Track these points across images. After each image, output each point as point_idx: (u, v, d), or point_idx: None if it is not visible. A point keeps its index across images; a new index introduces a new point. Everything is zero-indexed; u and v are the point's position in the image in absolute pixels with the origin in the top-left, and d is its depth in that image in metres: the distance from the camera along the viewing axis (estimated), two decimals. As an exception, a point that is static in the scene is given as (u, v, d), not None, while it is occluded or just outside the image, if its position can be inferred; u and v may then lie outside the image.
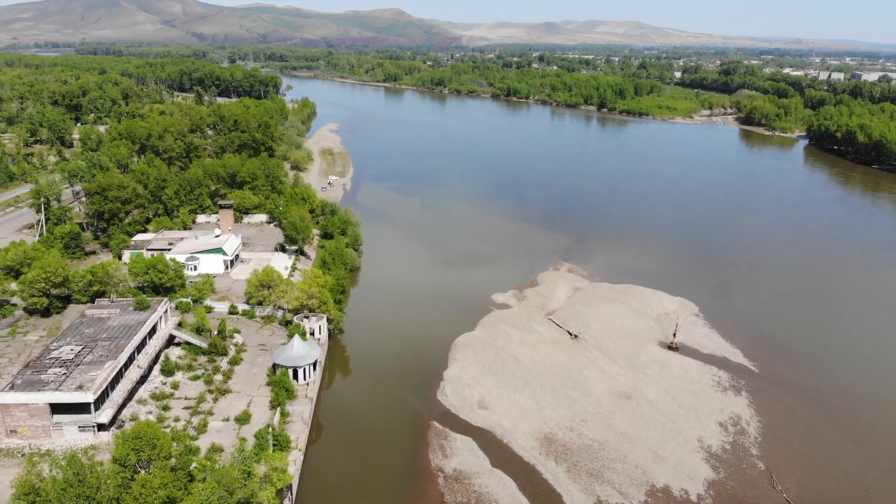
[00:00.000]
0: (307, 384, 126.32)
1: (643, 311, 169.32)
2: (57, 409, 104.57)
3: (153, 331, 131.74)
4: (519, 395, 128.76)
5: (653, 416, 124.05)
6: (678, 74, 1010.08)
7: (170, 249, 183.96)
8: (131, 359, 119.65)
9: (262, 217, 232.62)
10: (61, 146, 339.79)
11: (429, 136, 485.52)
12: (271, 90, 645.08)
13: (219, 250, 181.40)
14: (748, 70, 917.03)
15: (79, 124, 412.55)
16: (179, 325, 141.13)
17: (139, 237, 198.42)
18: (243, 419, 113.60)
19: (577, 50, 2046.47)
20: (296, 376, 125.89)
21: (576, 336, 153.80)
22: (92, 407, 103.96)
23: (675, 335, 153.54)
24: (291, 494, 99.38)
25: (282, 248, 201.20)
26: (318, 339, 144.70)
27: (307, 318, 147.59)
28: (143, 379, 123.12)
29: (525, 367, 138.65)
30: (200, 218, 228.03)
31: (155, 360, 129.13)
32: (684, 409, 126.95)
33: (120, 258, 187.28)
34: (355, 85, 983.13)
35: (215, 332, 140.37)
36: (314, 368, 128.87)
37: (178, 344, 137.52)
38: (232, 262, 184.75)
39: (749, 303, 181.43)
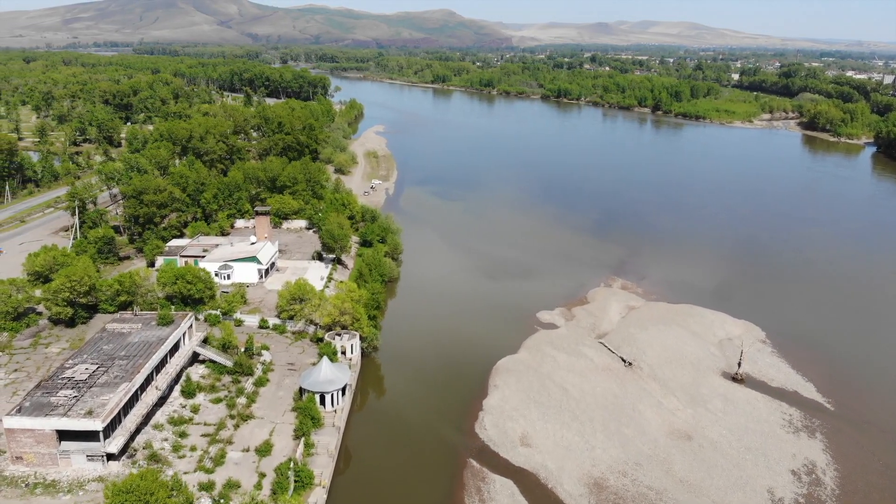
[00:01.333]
0: (335, 411, 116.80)
1: (704, 335, 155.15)
2: (64, 435, 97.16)
3: (176, 347, 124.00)
4: (566, 430, 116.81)
5: (716, 460, 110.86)
6: (736, 76, 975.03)
7: (204, 256, 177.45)
8: (149, 380, 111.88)
9: (302, 223, 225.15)
10: (108, 145, 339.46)
11: (475, 138, 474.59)
12: (319, 91, 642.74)
13: (253, 259, 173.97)
14: (809, 73, 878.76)
15: (128, 123, 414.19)
16: (205, 340, 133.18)
17: (174, 243, 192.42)
18: (264, 450, 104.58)
19: (631, 51, 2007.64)
20: (323, 402, 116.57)
21: (630, 363, 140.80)
22: (101, 435, 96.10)
23: (739, 365, 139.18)
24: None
25: (319, 257, 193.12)
26: (350, 360, 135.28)
27: (339, 335, 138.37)
28: (162, 400, 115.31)
29: (573, 399, 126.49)
30: (239, 223, 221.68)
31: (176, 380, 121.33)
32: (752, 453, 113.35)
33: (153, 264, 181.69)
34: (404, 86, 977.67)
35: (242, 350, 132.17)
36: (343, 394, 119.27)
37: (203, 361, 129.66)
38: (267, 270, 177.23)
39: (820, 328, 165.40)
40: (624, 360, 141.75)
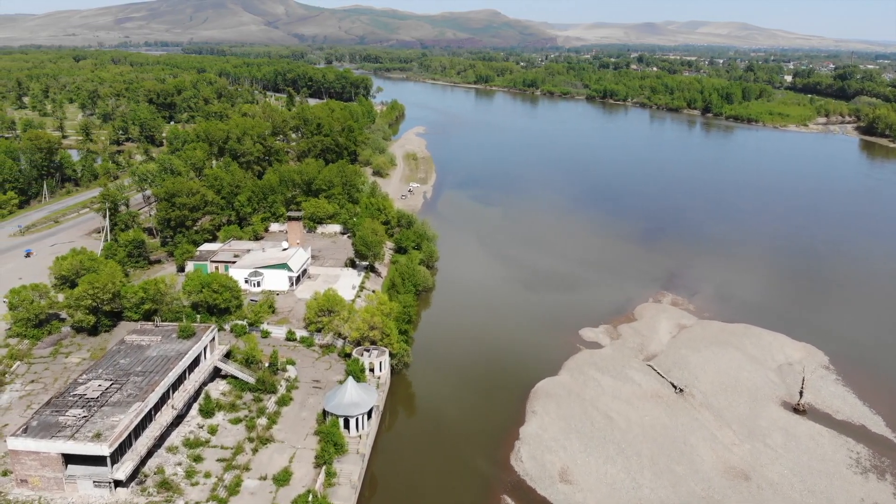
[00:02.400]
0: (360, 437, 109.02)
1: (762, 359, 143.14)
2: (71, 459, 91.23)
3: (196, 362, 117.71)
4: (610, 465, 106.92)
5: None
6: (788, 78, 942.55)
7: (234, 262, 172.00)
8: (164, 398, 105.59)
9: (337, 227, 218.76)
10: (150, 145, 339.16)
11: (517, 140, 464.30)
12: (361, 92, 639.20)
13: (284, 266, 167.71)
14: (866, 75, 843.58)
15: (171, 123, 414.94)
16: (228, 354, 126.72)
17: (205, 247, 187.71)
18: (282, 479, 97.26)
19: (679, 51, 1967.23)
20: (347, 426, 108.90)
21: (681, 390, 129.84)
22: (108, 460, 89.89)
23: (801, 394, 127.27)
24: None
25: (352, 264, 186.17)
26: (378, 378, 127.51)
27: (368, 351, 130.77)
28: (178, 419, 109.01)
29: (619, 429, 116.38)
30: (274, 226, 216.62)
31: (195, 397, 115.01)
32: (816, 497, 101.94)
33: (183, 269, 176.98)
34: (446, 87, 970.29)
35: (267, 364, 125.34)
36: (369, 417, 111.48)
37: (225, 376, 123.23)
38: (298, 278, 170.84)
39: (888, 352, 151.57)
40: (674, 387, 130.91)
